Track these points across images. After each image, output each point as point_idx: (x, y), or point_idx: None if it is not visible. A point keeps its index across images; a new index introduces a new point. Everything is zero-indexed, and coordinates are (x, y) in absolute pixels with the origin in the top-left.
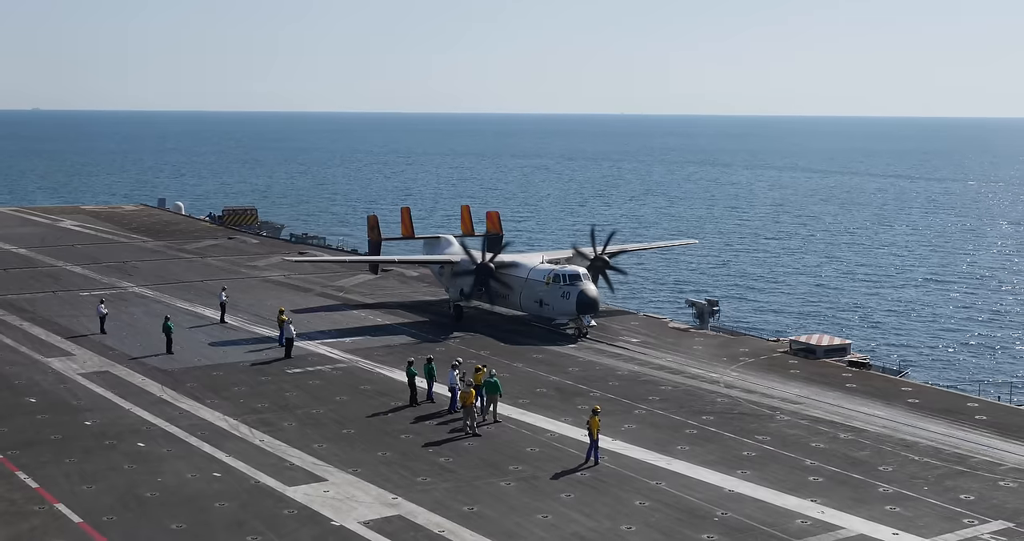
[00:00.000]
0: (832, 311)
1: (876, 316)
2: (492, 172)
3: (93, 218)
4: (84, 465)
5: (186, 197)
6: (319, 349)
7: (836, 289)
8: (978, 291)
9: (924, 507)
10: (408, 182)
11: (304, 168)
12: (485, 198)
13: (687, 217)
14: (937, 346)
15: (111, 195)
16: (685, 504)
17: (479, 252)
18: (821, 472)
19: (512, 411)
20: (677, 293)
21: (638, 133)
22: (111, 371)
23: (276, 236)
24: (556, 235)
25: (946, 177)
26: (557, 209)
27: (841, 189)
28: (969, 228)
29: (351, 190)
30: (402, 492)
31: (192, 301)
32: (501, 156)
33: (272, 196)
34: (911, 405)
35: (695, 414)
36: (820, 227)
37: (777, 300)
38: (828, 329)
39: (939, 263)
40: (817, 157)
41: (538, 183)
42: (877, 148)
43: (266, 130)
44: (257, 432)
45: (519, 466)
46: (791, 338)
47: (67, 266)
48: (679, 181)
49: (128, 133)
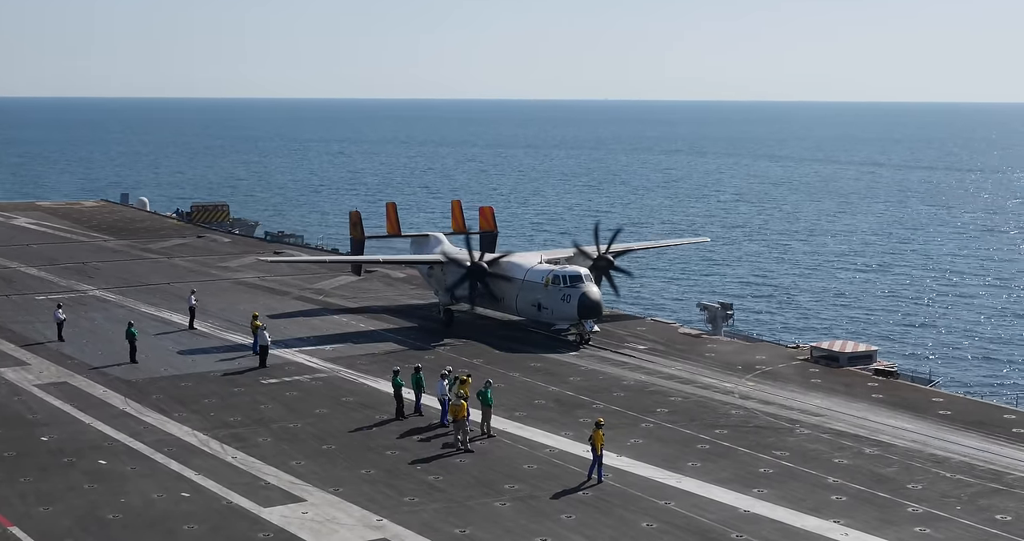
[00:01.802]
0: (857, 315)
1: (905, 321)
2: (485, 164)
3: (50, 215)
4: (40, 484)
5: (151, 192)
6: (297, 358)
7: (861, 291)
8: (1015, 294)
9: (957, 529)
10: (394, 175)
11: (275, 159)
12: (479, 192)
13: (696, 213)
14: (970, 353)
15: (70, 190)
16: (697, 526)
17: (472, 251)
18: (845, 490)
19: (508, 425)
20: (688, 296)
21: (621, 120)
22: (70, 382)
23: (250, 234)
24: (555, 233)
25: (975, 168)
26: (554, 205)
27: (862, 181)
28: (1007, 225)
29: (332, 184)
30: (388, 513)
31: (158, 305)
32: (500, 146)
33: (245, 191)
34: (942, 417)
35: (707, 428)
36: (843, 223)
37: (797, 303)
38: (853, 335)
39: (974, 264)
40: (830, 145)
41: (531, 176)
42: (896, 135)
43: (231, 118)
44: (229, 448)
45: (515, 485)
46: (812, 345)
47: (21, 267)
48: (681, 174)
49: (74, 121)
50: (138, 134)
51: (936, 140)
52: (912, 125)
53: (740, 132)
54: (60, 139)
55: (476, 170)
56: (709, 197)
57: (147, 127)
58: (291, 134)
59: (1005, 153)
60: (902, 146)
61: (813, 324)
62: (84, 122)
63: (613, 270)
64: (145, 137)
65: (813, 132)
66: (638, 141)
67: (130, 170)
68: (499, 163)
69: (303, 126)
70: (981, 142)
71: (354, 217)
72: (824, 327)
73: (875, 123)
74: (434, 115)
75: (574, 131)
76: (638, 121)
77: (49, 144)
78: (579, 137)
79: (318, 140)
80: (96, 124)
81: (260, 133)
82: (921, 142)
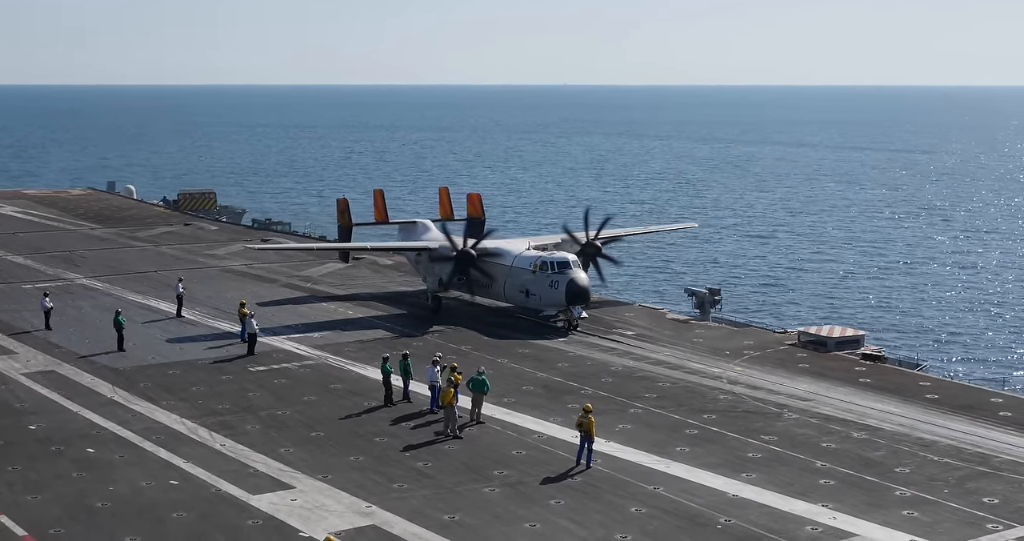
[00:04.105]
0: (844, 300)
1: (892, 305)
2: (473, 148)
3: (36, 203)
4: (28, 473)
5: (138, 180)
6: (285, 345)
7: (849, 275)
8: (1003, 278)
9: (944, 511)
10: (381, 162)
11: (262, 146)
12: (468, 178)
13: (681, 199)
14: (958, 337)
15: (55, 178)
16: (685, 510)
17: (459, 238)
18: (833, 474)
19: (497, 411)
20: (676, 281)
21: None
22: (57, 370)
23: (237, 222)
24: (544, 219)
25: (960, 151)
26: (543, 191)
27: (847, 164)
28: (995, 208)
29: (318, 170)
30: (377, 500)
31: (145, 294)
32: (489, 131)
33: (232, 178)
34: (930, 401)
35: (696, 413)
36: (829, 207)
37: (784, 288)
38: (840, 319)
39: (961, 247)
40: (812, 129)
41: (520, 162)
42: (875, 119)
43: (202, 104)
44: (217, 436)
45: (504, 471)
46: (800, 330)
47: (7, 256)
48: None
49: (42, 109)
50: (90, 120)
51: (927, 125)
52: (889, 109)
53: (701, 116)
54: (30, 127)
55: (461, 154)
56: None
57: (106, 114)
58: (243, 120)
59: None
60: (930, 133)
61: (801, 309)
62: (49, 110)
63: (600, 257)
64: (99, 123)
65: (805, 115)
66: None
67: (121, 159)
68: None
69: (263, 113)
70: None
71: (341, 204)
72: (812, 312)
73: (861, 107)
74: (395, 101)
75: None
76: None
77: (15, 131)
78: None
79: (273, 125)
80: (67, 112)
81: (212, 119)
82: (955, 128)
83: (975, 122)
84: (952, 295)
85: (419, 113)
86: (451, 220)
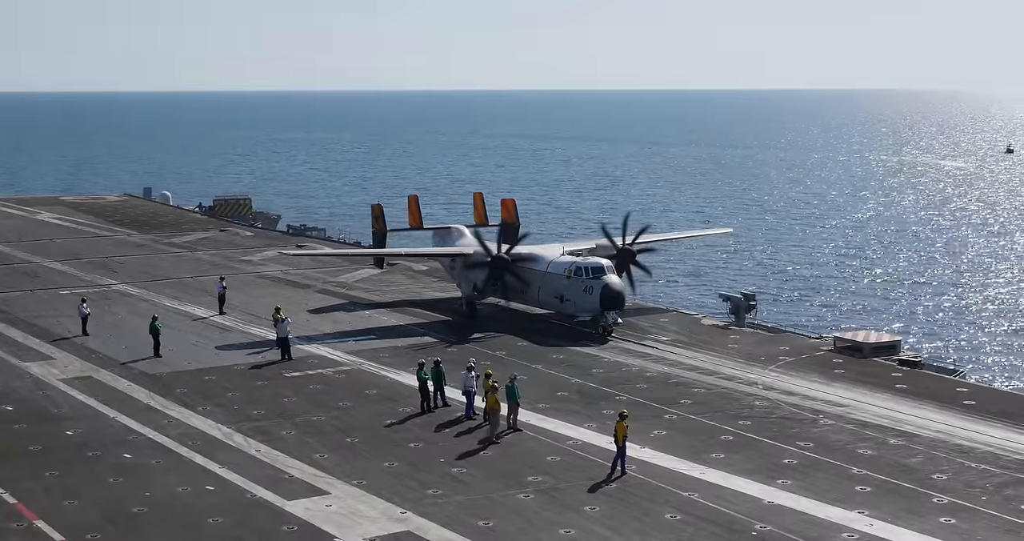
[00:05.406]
0: (881, 305)
1: (929, 310)
2: (499, 157)
3: (73, 210)
4: (66, 478)
5: (173, 186)
6: (320, 351)
7: (885, 281)
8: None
9: (982, 519)
10: (416, 169)
11: (294, 154)
12: (501, 185)
13: (714, 204)
14: (996, 343)
15: (92, 185)
16: (721, 517)
17: (494, 244)
18: (869, 481)
19: (531, 417)
20: (711, 287)
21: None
22: (94, 376)
23: (272, 228)
24: (578, 225)
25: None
26: (575, 197)
27: (887, 171)
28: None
29: (355, 177)
30: (411, 506)
31: (181, 299)
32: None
33: (268, 184)
34: (967, 407)
35: (731, 419)
36: (865, 211)
37: (820, 294)
38: (876, 325)
39: (1000, 251)
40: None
41: (553, 168)
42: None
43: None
44: (253, 441)
45: (539, 477)
46: (835, 335)
47: (45, 262)
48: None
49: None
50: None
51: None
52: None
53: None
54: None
55: (493, 162)
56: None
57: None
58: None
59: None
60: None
61: (837, 315)
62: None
63: (633, 264)
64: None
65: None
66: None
67: (157, 166)
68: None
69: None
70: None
71: (376, 210)
72: (848, 318)
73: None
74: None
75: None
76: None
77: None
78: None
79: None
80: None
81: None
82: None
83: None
84: (990, 301)
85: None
86: (485, 225)
